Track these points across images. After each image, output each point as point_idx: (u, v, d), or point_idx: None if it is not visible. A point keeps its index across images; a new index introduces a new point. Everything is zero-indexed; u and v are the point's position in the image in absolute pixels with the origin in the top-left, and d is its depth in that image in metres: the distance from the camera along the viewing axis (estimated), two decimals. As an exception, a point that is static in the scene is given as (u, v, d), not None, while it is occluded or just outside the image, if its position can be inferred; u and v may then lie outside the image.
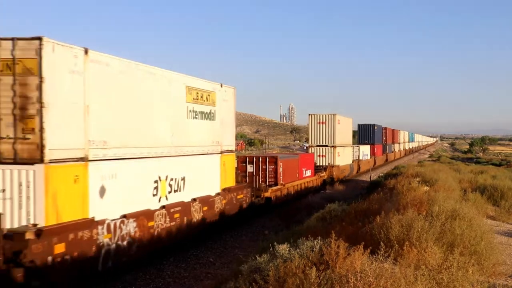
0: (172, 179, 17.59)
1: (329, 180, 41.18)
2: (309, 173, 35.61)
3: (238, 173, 24.96)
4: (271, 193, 27.12)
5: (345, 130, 48.80)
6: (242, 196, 23.51)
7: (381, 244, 8.53)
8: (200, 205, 19.27)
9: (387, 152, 78.99)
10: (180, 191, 18.11)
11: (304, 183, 33.86)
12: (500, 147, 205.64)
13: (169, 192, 17.42)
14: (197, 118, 19.46)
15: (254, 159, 28.99)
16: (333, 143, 44.06)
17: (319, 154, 43.39)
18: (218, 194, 21.07)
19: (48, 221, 11.96)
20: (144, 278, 15.06)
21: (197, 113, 19.45)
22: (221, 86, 21.78)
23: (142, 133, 15.89)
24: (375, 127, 69.24)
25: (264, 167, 28.80)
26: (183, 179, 18.36)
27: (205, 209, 19.65)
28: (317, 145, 44.17)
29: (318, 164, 41.51)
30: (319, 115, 44.92)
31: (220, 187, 21.38)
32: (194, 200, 18.92)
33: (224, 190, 21.63)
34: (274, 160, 28.98)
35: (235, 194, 22.68)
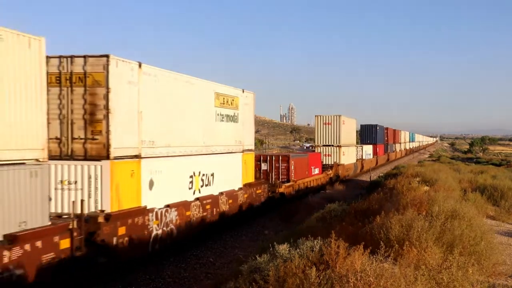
0: (203, 175, 19.98)
1: (335, 178, 43.56)
2: (317, 171, 38.01)
3: (256, 170, 27.34)
4: (284, 188, 29.53)
5: (349, 130, 51.12)
6: (261, 191, 25.94)
7: (381, 244, 8.56)
8: (226, 198, 21.69)
9: (388, 151, 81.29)
10: (210, 185, 20.51)
11: (313, 180, 36.26)
12: (500, 147, 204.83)
13: (201, 186, 19.82)
14: (223, 121, 21.85)
15: (268, 157, 31.32)
16: (338, 143, 46.38)
17: (325, 153, 45.68)
18: (241, 188, 23.50)
19: (112, 208, 14.34)
20: (144, 278, 15.04)
21: (223, 116, 21.84)
22: (243, 92, 24.17)
23: (181, 134, 18.27)
24: (377, 128, 71.50)
25: (277, 165, 31.14)
26: (212, 174, 20.75)
27: (230, 201, 22.06)
28: (323, 145, 46.47)
29: (324, 163, 43.80)
30: (325, 116, 47.23)
31: (242, 182, 23.80)
32: (221, 193, 21.34)
33: (245, 185, 24.05)
34: (287, 158, 31.34)
35: (255, 189, 25.11)
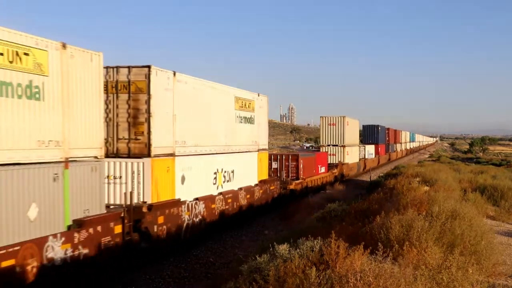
0: (225, 172, 22.00)
1: (340, 176, 45.59)
2: (323, 169, 40.05)
3: (270, 168, 29.37)
4: (294, 185, 31.58)
5: (352, 131, 53.18)
6: (274, 187, 27.98)
7: (381, 244, 8.63)
8: (245, 193, 23.72)
9: (389, 151, 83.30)
10: (230, 181, 22.53)
11: (320, 178, 38.30)
12: (500, 147, 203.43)
13: (224, 182, 21.84)
14: (242, 122, 23.88)
15: (278, 156, 33.35)
16: (343, 143, 48.44)
17: (330, 153, 47.69)
18: (256, 185, 25.53)
19: (153, 200, 16.36)
20: (144, 278, 15.10)
21: (241, 118, 23.86)
22: (258, 95, 26.20)
23: (207, 135, 20.29)
24: (379, 128, 73.49)
25: (287, 163, 33.17)
26: (232, 171, 22.77)
27: (248, 196, 24.10)
28: (328, 145, 48.53)
29: (329, 162, 45.84)
30: (330, 117, 49.28)
31: (257, 179, 25.83)
32: (240, 189, 23.37)
33: (260, 182, 26.08)
34: (296, 157, 33.38)
35: (269, 185, 27.14)
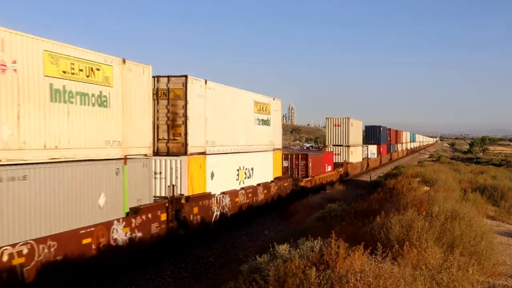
0: (246, 169, 24.37)
1: (345, 174, 47.97)
2: (330, 168, 42.43)
3: (283, 166, 31.75)
4: (304, 183, 33.98)
5: (356, 131, 55.54)
6: (287, 184, 30.37)
7: (381, 244, 8.60)
8: (262, 188, 26.10)
9: (391, 151, 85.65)
10: (250, 177, 24.90)
11: (327, 177, 40.68)
12: (500, 147, 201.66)
13: (245, 178, 24.21)
14: (259, 124, 26.26)
15: (289, 156, 35.72)
16: (347, 143, 50.79)
17: (335, 152, 50.08)
18: (272, 181, 27.91)
19: (189, 192, 18.73)
20: (144, 278, 15.16)
21: (259, 120, 26.24)
22: (273, 99, 28.58)
23: (231, 136, 22.65)
24: (381, 128, 75.83)
25: (297, 162, 35.54)
26: (252, 169, 25.14)
27: (265, 192, 26.48)
28: (333, 145, 50.89)
29: (335, 161, 48.21)
30: (335, 118, 51.66)
31: (273, 176, 28.20)
32: (259, 184, 25.76)
33: (275, 178, 28.46)
34: (305, 157, 35.76)
35: (283, 182, 29.54)
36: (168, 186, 17.81)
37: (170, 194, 17.53)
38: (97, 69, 13.68)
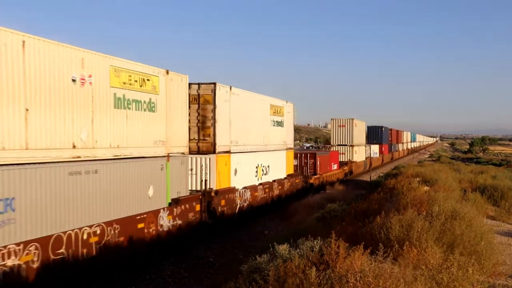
0: (263, 166, 26.72)
1: (349, 173, 50.36)
2: (335, 166, 44.81)
3: (294, 164, 34.12)
4: (313, 180, 36.38)
5: (360, 131, 57.93)
6: (298, 180, 32.76)
7: (381, 244, 8.62)
8: (277, 184, 28.47)
9: (392, 151, 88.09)
10: (267, 174, 27.26)
11: (333, 175, 43.07)
12: (500, 147, 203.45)
13: (262, 175, 26.57)
14: (274, 126, 28.62)
15: (298, 154, 38.02)
16: (351, 143, 53.19)
17: (340, 152, 52.47)
18: (285, 178, 30.28)
19: (217, 187, 21.07)
20: (144, 278, 15.22)
21: (275, 122, 28.60)
22: (286, 102, 30.93)
23: (250, 136, 25.00)
24: (383, 129, 78.22)
25: (306, 161, 37.89)
26: (268, 166, 27.50)
27: (279, 187, 28.85)
28: (338, 144, 53.28)
29: (339, 160, 50.59)
30: (340, 119, 54.06)
31: (286, 173, 30.56)
32: (274, 181, 28.12)
33: (288, 175, 30.83)
34: (314, 155, 38.12)
35: (294, 179, 31.92)
36: (201, 181, 20.16)
37: (202, 188, 19.88)
38: (147, 80, 16.03)
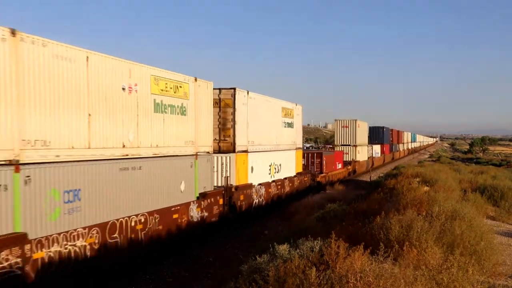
0: (276, 164, 28.72)
1: (353, 172, 52.34)
2: (340, 166, 46.80)
3: (303, 163, 36.12)
4: (320, 178, 38.37)
5: (362, 132, 59.93)
6: (306, 178, 34.76)
7: (381, 244, 8.60)
8: (288, 181, 30.48)
9: (393, 151, 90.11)
10: (279, 172, 29.26)
11: (338, 173, 45.06)
12: (500, 147, 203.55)
13: (275, 172, 28.57)
14: (285, 127, 30.61)
15: (305, 154, 39.95)
16: (355, 143, 55.20)
17: (343, 152, 54.47)
18: (295, 176, 32.28)
19: (236, 183, 23.05)
20: (144, 278, 15.26)
21: (285, 123, 30.59)
22: (296, 105, 32.93)
23: (265, 136, 26.99)
24: (384, 129, 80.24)
25: (312, 160, 39.87)
26: (280, 165, 29.49)
27: (290, 184, 30.85)
28: (341, 145, 55.29)
29: (343, 160, 52.57)
30: (344, 120, 56.08)
31: (295, 171, 32.56)
32: (285, 178, 30.12)
33: (297, 174, 32.83)
34: (320, 155, 40.11)
35: (303, 177, 33.93)
36: (224, 177, 22.14)
37: (224, 184, 21.86)
38: (180, 87, 18.02)
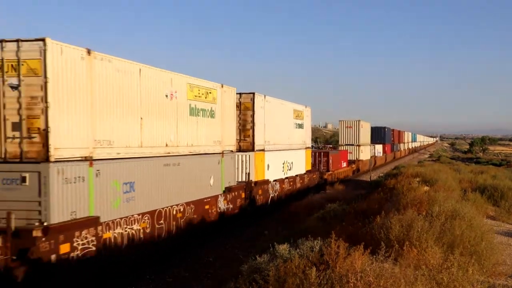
0: (288, 163, 31.02)
1: (357, 170, 54.66)
2: (345, 164, 49.13)
3: (311, 161, 38.43)
4: (327, 176, 40.70)
5: (365, 132, 62.26)
6: (315, 176, 37.10)
7: (381, 244, 8.57)
8: (299, 178, 32.80)
9: (394, 150, 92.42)
10: (291, 169, 31.56)
11: (343, 172, 47.40)
12: (500, 147, 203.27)
13: (287, 170, 30.88)
14: (296, 128, 32.93)
15: (312, 153, 42.23)
16: (358, 143, 57.51)
17: (347, 151, 56.79)
18: (305, 173, 34.61)
19: (255, 178, 25.34)
20: (144, 278, 15.27)
21: (296, 124, 32.91)
22: (306, 107, 35.25)
23: (279, 136, 29.28)
24: (386, 129, 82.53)
25: (319, 159, 42.16)
26: (292, 163, 31.80)
27: (301, 181, 33.18)
28: (345, 144, 57.59)
29: (348, 159, 54.88)
30: (348, 121, 58.42)
31: (305, 169, 34.87)
32: (297, 175, 32.44)
33: (307, 171, 35.16)
34: (327, 154, 42.44)
35: (312, 174, 36.26)
36: (246, 173, 24.44)
37: (246, 179, 24.17)
38: (209, 92, 20.31)
